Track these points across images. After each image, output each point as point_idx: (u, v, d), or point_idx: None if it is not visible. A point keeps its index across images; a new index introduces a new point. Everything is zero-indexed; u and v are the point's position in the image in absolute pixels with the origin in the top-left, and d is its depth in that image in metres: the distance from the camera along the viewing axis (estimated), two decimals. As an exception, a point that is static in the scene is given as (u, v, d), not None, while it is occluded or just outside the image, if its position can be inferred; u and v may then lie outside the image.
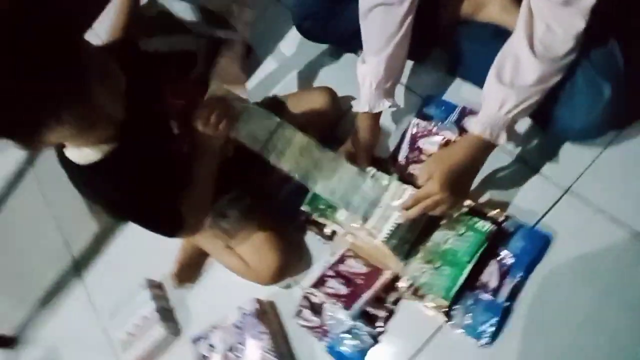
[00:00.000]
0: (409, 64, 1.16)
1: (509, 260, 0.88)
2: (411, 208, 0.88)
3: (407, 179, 1.04)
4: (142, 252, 1.38)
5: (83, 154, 0.81)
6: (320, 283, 1.02)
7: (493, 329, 0.84)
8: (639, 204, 0.83)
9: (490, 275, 0.89)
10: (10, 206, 1.79)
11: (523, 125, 0.96)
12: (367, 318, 0.97)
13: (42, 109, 0.67)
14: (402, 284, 0.95)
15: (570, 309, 0.82)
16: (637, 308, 0.78)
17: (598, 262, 0.83)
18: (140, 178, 0.86)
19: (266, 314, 1.08)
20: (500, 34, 0.87)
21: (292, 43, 1.41)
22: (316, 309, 1.03)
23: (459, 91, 1.09)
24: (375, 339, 0.96)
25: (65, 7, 0.77)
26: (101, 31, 0.94)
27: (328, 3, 1.11)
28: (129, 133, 0.82)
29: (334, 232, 1.08)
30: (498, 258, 0.89)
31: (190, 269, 1.23)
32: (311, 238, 1.13)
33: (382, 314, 0.97)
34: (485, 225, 0.90)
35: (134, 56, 0.94)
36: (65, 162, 0.83)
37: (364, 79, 0.97)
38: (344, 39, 1.17)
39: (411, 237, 0.96)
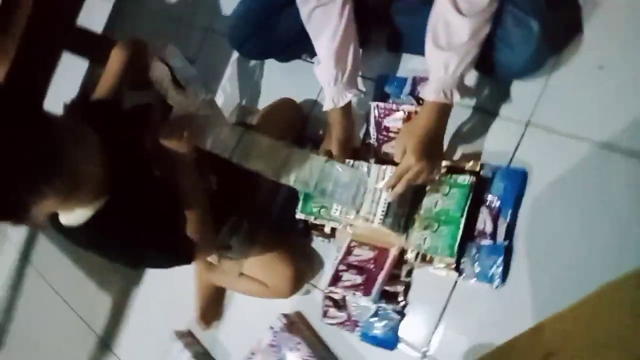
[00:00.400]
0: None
1: (496, 203, 0.94)
2: (396, 185, 0.93)
3: (384, 159, 1.10)
4: (160, 307, 1.41)
5: (77, 216, 0.83)
6: (336, 280, 1.07)
7: (501, 269, 0.90)
8: (594, 116, 0.89)
9: (484, 222, 0.94)
10: (21, 307, 1.80)
11: (471, 78, 1.02)
12: (388, 297, 1.02)
13: (22, 189, 0.68)
14: (409, 256, 1.00)
15: (563, 230, 0.88)
16: (621, 209, 0.84)
17: (575, 179, 0.89)
18: (137, 220, 0.88)
19: (296, 324, 1.13)
20: (429, 1, 0.92)
21: (237, 67, 1.46)
22: (340, 305, 1.08)
23: (407, 64, 1.14)
24: (401, 313, 1.01)
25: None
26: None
27: (260, 21, 1.15)
28: (116, 184, 0.84)
29: (333, 229, 1.13)
30: (486, 204, 0.95)
31: (212, 308, 1.26)
32: (316, 241, 1.18)
33: (400, 288, 1.02)
34: (465, 179, 0.96)
35: (110, 113, 0.96)
36: (63, 229, 0.86)
37: (322, 79, 1.01)
38: (284, 49, 1.22)
39: (404, 211, 1.01)
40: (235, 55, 1.45)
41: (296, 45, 1.18)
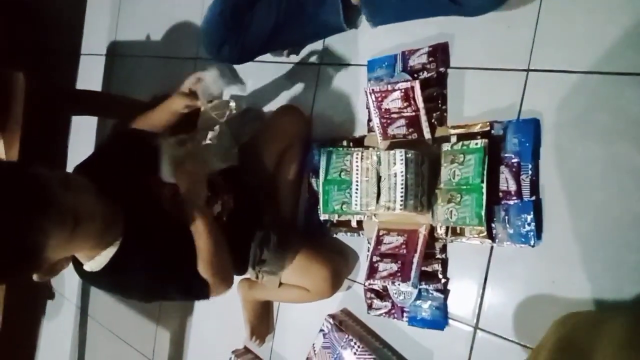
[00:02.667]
0: (337, 41, 1.19)
1: (514, 159, 0.90)
2: None
3: (392, 141, 1.08)
4: (216, 332, 1.45)
5: (97, 262, 0.86)
6: (372, 272, 1.06)
7: (533, 226, 0.86)
8: (592, 46, 0.84)
9: (506, 181, 0.91)
10: (90, 357, 1.90)
11: (460, 46, 0.98)
12: (428, 277, 1.00)
13: (24, 230, 0.72)
14: (439, 232, 0.99)
15: (590, 169, 0.84)
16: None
17: (589, 114, 0.85)
18: (153, 258, 0.89)
19: (344, 322, 1.13)
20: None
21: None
22: (382, 295, 1.08)
23: (391, 41, 1.12)
24: (444, 291, 0.99)
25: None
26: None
27: (233, 23, 1.12)
28: (128, 224, 0.87)
29: (359, 222, 1.13)
30: (504, 163, 0.92)
31: (262, 323, 1.28)
32: (346, 238, 1.18)
33: (437, 266, 1.00)
34: (477, 143, 0.93)
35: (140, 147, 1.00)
36: (88, 276, 0.89)
37: None
38: (263, 47, 1.19)
39: (423, 189, 0.99)
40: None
41: (275, 39, 1.16)
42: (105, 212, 0.83)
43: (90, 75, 2.01)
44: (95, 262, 0.86)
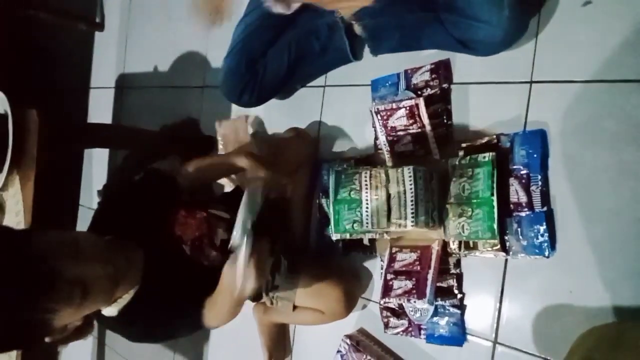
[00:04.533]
0: (344, 68, 1.22)
1: (523, 171, 0.91)
2: None
3: (400, 159, 1.09)
4: (232, 357, 1.45)
5: (115, 307, 0.85)
6: (387, 290, 1.06)
7: (547, 237, 0.86)
8: (594, 55, 0.85)
9: (516, 193, 0.91)
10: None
11: (462, 61, 1.00)
12: (443, 293, 1.00)
13: (27, 311, 0.70)
14: (452, 247, 0.98)
15: (600, 176, 0.84)
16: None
17: (595, 123, 0.85)
18: (169, 305, 0.89)
19: (362, 342, 1.12)
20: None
21: (239, 108, 1.50)
22: (398, 313, 1.07)
23: (393, 60, 1.13)
24: (460, 306, 0.98)
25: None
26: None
27: (248, 72, 1.17)
28: (148, 272, 0.86)
29: (372, 240, 1.13)
30: (513, 174, 0.92)
31: (279, 346, 1.28)
32: (359, 257, 1.18)
33: (452, 282, 1.00)
34: (485, 156, 0.93)
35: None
36: (107, 322, 0.88)
37: None
38: (280, 88, 1.24)
39: (433, 204, 0.99)
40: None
41: (289, 79, 1.20)
42: (116, 269, 0.80)
43: (100, 108, 2.06)
44: (113, 308, 0.85)
